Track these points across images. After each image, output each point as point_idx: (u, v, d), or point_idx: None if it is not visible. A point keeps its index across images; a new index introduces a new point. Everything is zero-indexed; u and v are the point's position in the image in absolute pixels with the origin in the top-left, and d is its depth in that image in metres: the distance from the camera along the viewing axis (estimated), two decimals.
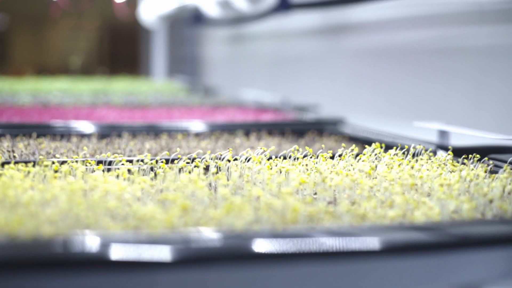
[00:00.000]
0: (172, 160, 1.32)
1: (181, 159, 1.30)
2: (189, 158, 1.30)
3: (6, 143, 1.65)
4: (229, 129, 1.94)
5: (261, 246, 0.85)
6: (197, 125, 1.99)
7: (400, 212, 1.07)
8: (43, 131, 1.82)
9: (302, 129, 2.04)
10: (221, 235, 0.88)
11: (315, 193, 1.22)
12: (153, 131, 1.88)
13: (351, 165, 1.39)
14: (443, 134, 1.84)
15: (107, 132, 1.84)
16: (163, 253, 0.80)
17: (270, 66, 3.55)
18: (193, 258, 0.82)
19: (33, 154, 1.55)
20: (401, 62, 2.42)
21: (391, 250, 0.85)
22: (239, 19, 3.15)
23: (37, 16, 8.84)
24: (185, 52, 4.65)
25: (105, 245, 0.79)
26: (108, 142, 1.73)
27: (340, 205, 1.06)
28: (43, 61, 9.97)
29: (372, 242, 0.86)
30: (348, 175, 1.24)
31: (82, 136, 1.82)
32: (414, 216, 1.07)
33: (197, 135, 1.89)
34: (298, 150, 1.43)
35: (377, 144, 1.49)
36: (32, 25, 9.31)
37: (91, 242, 0.79)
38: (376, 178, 1.30)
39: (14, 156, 1.50)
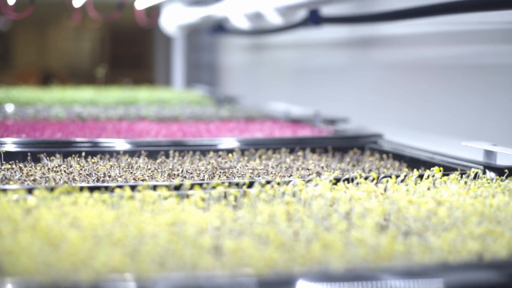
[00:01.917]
0: (238, 184, 1.32)
1: (252, 184, 1.30)
2: (260, 184, 1.30)
3: (62, 165, 1.65)
4: (273, 147, 1.94)
5: None
6: (240, 142, 1.99)
7: (481, 244, 1.07)
8: (92, 149, 1.82)
9: (344, 146, 2.04)
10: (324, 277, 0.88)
11: (384, 219, 1.22)
12: (199, 150, 1.87)
13: (415, 190, 1.39)
14: (489, 154, 1.84)
15: (155, 150, 1.83)
16: None
17: (293, 76, 3.55)
18: None
19: (90, 175, 1.54)
20: (435, 77, 2.42)
21: None
22: (264, 30, 3.14)
23: (40, 17, 8.83)
24: (203, 60, 4.64)
25: None
26: (161, 162, 1.73)
27: (428, 240, 1.06)
28: (47, 63, 9.96)
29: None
30: (422, 203, 1.23)
31: (130, 153, 1.81)
32: (495, 249, 1.07)
33: (243, 152, 1.89)
34: (361, 175, 1.43)
35: (437, 168, 1.50)
36: (35, 26, 9.29)
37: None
38: (443, 204, 1.30)
39: (74, 179, 1.49)
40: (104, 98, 3.10)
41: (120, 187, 1.25)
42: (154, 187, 1.26)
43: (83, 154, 1.78)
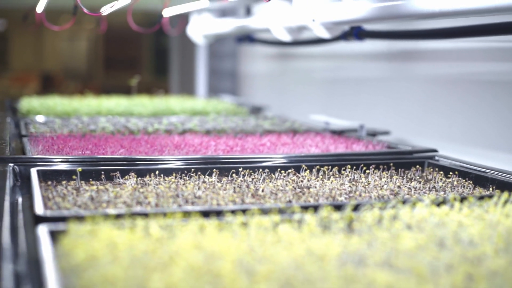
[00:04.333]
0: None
1: (357, 207, 1.31)
2: (367, 207, 1.30)
3: (148, 185, 1.64)
4: (338, 164, 1.94)
5: None
6: (305, 158, 2.00)
7: None
8: (164, 166, 1.81)
9: (404, 161, 2.05)
10: None
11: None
12: (268, 167, 1.87)
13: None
14: None
15: (225, 167, 1.83)
16: None
17: (323, 87, 3.55)
18: None
19: (177, 196, 1.54)
20: (481, 92, 2.43)
21: None
22: (297, 41, 3.14)
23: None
24: (224, 68, 4.63)
25: None
26: (235, 180, 1.73)
27: None
28: (44, 65, 9.92)
29: None
30: None
31: (202, 171, 1.81)
32: None
33: (311, 170, 1.89)
34: (455, 199, 1.44)
35: None
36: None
37: None
38: None
39: (168, 201, 1.49)
40: (141, 109, 3.09)
41: (233, 212, 1.25)
42: (266, 211, 1.26)
43: (157, 172, 1.78)
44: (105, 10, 3.67)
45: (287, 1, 2.74)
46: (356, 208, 1.35)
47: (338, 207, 1.34)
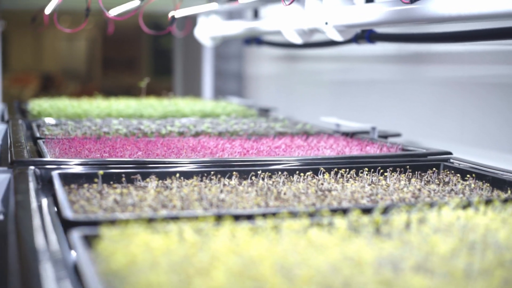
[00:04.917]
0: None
1: (386, 210, 1.31)
2: (395, 211, 1.31)
3: (167, 189, 1.65)
4: (355, 166, 1.95)
5: None
6: (319, 161, 2.01)
7: None
8: (183, 169, 1.82)
9: (420, 164, 2.05)
10: None
11: None
12: (286, 170, 1.88)
13: None
14: None
15: (244, 170, 1.84)
16: None
17: (332, 88, 3.56)
18: None
19: (201, 199, 1.55)
20: (493, 95, 2.44)
21: None
22: (306, 43, 3.15)
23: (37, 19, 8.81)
24: (229, 69, 4.64)
25: None
26: (263, 185, 1.73)
27: None
28: (43, 65, 9.91)
29: None
30: None
31: (221, 174, 1.82)
32: None
33: (328, 172, 1.90)
34: (480, 202, 1.45)
35: None
36: (30, 28, 9.29)
37: None
38: None
39: (193, 204, 1.49)
40: (151, 111, 3.10)
41: (264, 215, 1.26)
42: (297, 215, 1.27)
43: (177, 175, 1.78)
44: (117, 12, 3.68)
45: (298, 4, 2.75)
46: (382, 211, 1.36)
47: (367, 211, 1.35)
